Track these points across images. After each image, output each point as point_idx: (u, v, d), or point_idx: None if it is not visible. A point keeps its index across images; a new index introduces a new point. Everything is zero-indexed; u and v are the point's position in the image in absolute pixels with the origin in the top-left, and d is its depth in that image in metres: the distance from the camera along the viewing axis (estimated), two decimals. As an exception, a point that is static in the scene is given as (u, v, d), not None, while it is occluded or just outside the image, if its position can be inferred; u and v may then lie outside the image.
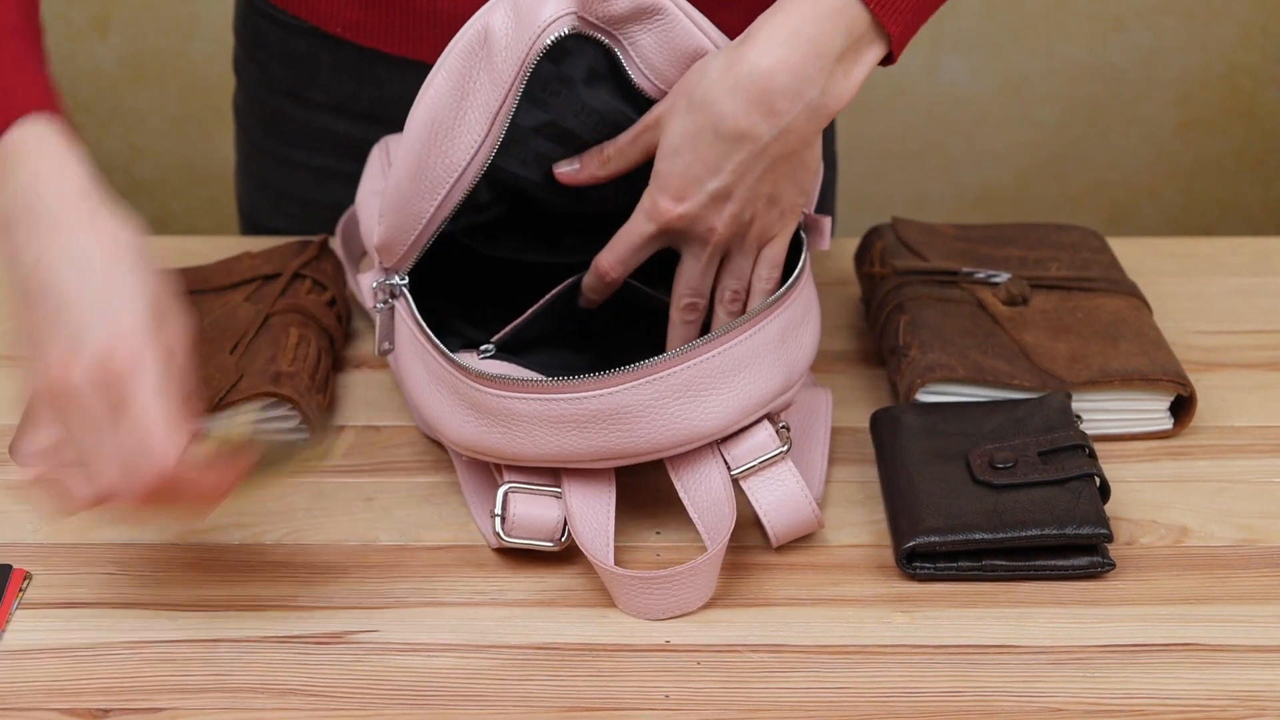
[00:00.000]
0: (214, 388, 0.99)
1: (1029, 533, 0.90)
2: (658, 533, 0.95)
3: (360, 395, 1.09)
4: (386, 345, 1.00)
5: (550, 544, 0.91)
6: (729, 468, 0.92)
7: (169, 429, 0.80)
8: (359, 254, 1.19)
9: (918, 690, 0.84)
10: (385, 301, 0.98)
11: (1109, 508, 0.95)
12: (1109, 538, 0.90)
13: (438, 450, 1.03)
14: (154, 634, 0.87)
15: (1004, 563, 0.91)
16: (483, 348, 0.99)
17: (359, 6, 1.15)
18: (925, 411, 1.00)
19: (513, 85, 0.90)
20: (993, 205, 2.41)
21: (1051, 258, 1.15)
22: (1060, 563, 0.91)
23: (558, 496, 0.91)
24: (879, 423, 1.01)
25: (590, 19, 0.91)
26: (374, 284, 0.98)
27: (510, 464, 0.92)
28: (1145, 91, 2.36)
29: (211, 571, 0.92)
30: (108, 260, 0.84)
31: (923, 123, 2.36)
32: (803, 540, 0.94)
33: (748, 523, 0.95)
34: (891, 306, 1.10)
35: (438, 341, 0.93)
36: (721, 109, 0.90)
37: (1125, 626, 0.88)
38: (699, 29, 0.94)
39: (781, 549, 0.94)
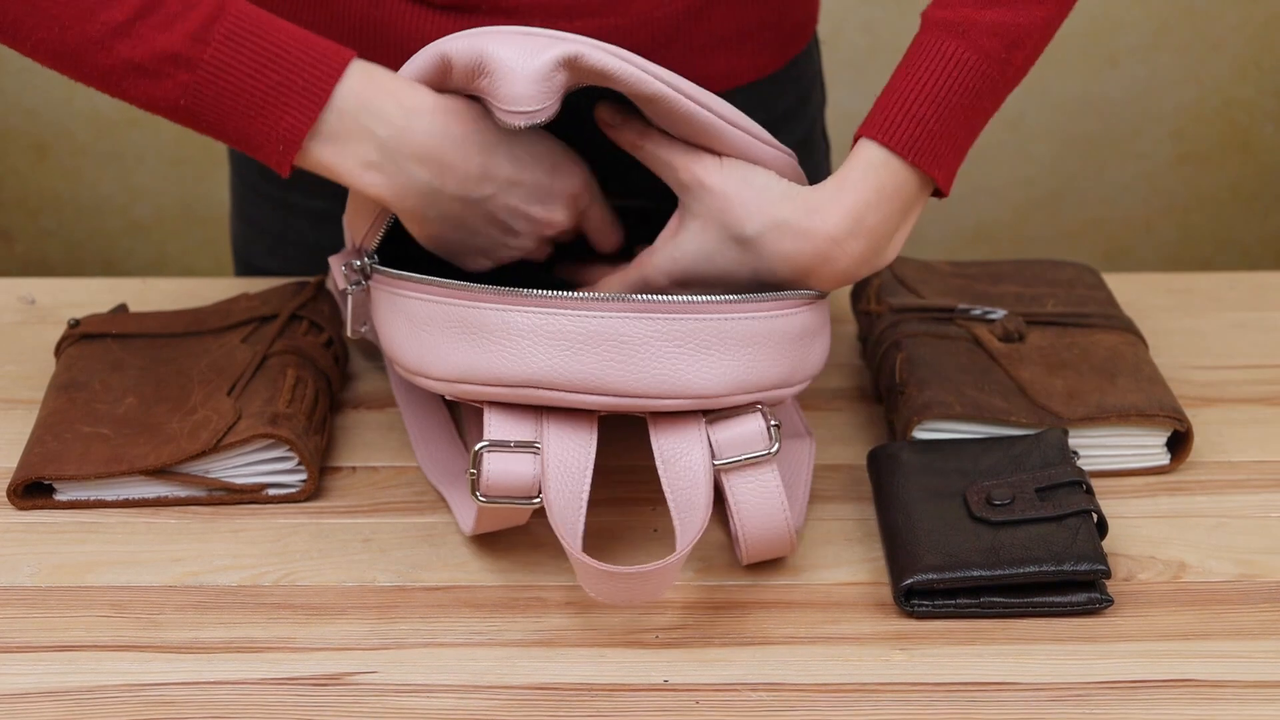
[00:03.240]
0: (212, 429, 1.00)
1: (1027, 569, 0.90)
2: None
3: (358, 436, 1.09)
4: (363, 327, 1.00)
5: (530, 501, 0.90)
6: (714, 456, 0.91)
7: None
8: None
9: (917, 728, 0.84)
10: (357, 282, 0.98)
11: (1107, 544, 0.95)
12: (1107, 574, 0.90)
13: (435, 491, 1.03)
14: (151, 677, 0.87)
15: (1002, 600, 0.91)
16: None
17: (354, 50, 1.15)
18: (922, 449, 1.00)
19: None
20: (989, 241, 2.42)
21: (1048, 294, 1.15)
22: (1058, 599, 0.91)
23: (533, 453, 0.90)
24: (876, 460, 1.01)
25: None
26: (343, 265, 0.98)
27: (496, 397, 0.90)
28: (1141, 127, 2.36)
29: (209, 613, 0.92)
30: (512, 137, 0.94)
31: (919, 159, 2.36)
32: (800, 578, 0.94)
33: (739, 562, 0.95)
34: (888, 344, 1.10)
35: (423, 277, 0.92)
36: (770, 266, 0.94)
37: (1124, 663, 0.88)
38: (699, 104, 0.94)
39: (778, 587, 0.93)
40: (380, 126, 0.92)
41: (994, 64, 0.95)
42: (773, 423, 0.91)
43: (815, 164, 1.29)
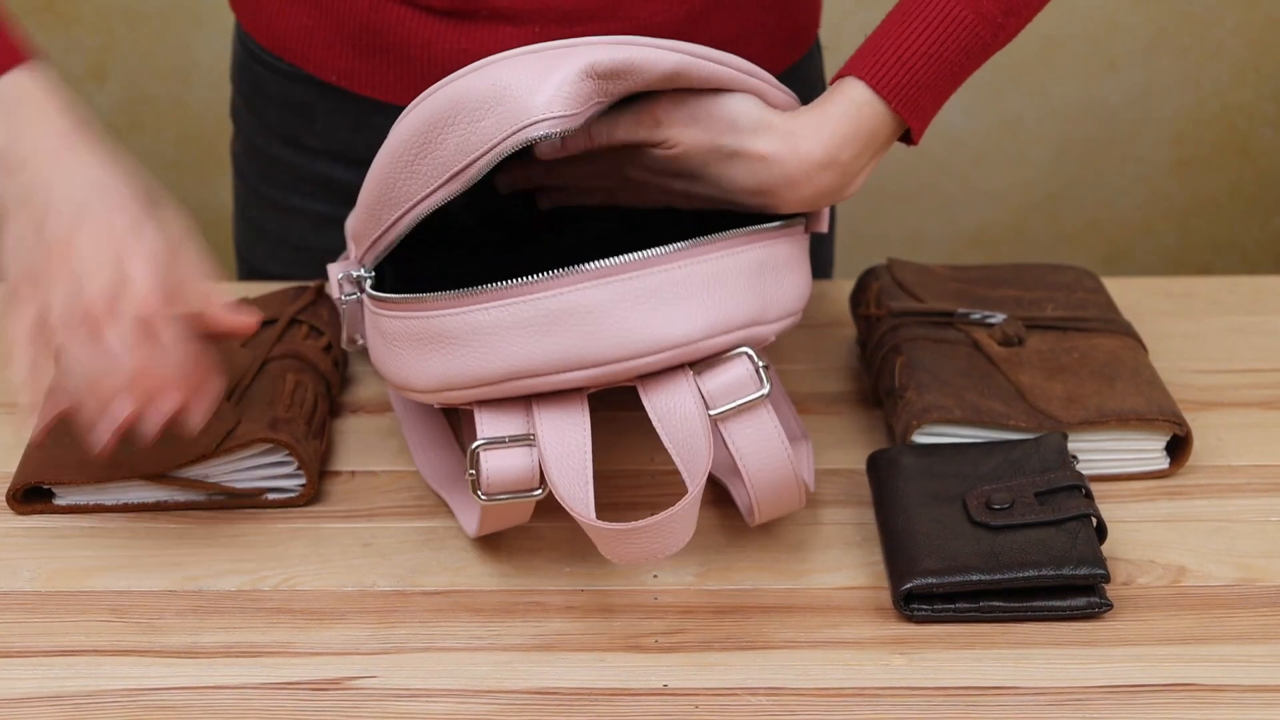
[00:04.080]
0: (211, 434, 1.00)
1: (1026, 574, 0.90)
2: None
3: (357, 440, 1.09)
4: (358, 338, 1.00)
5: (529, 494, 0.90)
6: (708, 408, 0.90)
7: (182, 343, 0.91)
8: None
9: (916, 733, 0.84)
10: (352, 293, 0.98)
11: (1106, 548, 0.95)
12: (1106, 578, 0.90)
13: (435, 495, 1.03)
14: (150, 681, 0.87)
15: (1001, 604, 0.91)
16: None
17: (354, 55, 1.16)
18: (922, 453, 1.00)
19: (478, 160, 0.90)
20: (989, 245, 2.42)
21: (1047, 298, 1.15)
22: (1058, 603, 0.91)
23: (528, 445, 0.90)
24: (876, 465, 1.01)
25: (589, 132, 0.92)
26: (340, 275, 0.98)
27: (481, 396, 0.90)
28: (1140, 131, 2.36)
29: (208, 618, 0.92)
30: (99, 196, 0.91)
31: (918, 163, 2.37)
32: (800, 582, 0.94)
33: (744, 561, 0.95)
34: (887, 348, 1.10)
35: (382, 294, 0.92)
36: (738, 182, 0.96)
37: (1123, 667, 0.88)
38: (718, 62, 0.95)
39: (778, 591, 0.94)
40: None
41: (989, 27, 0.97)
42: (762, 364, 0.91)
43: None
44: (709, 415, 0.90)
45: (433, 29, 1.12)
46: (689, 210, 1.02)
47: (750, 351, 0.91)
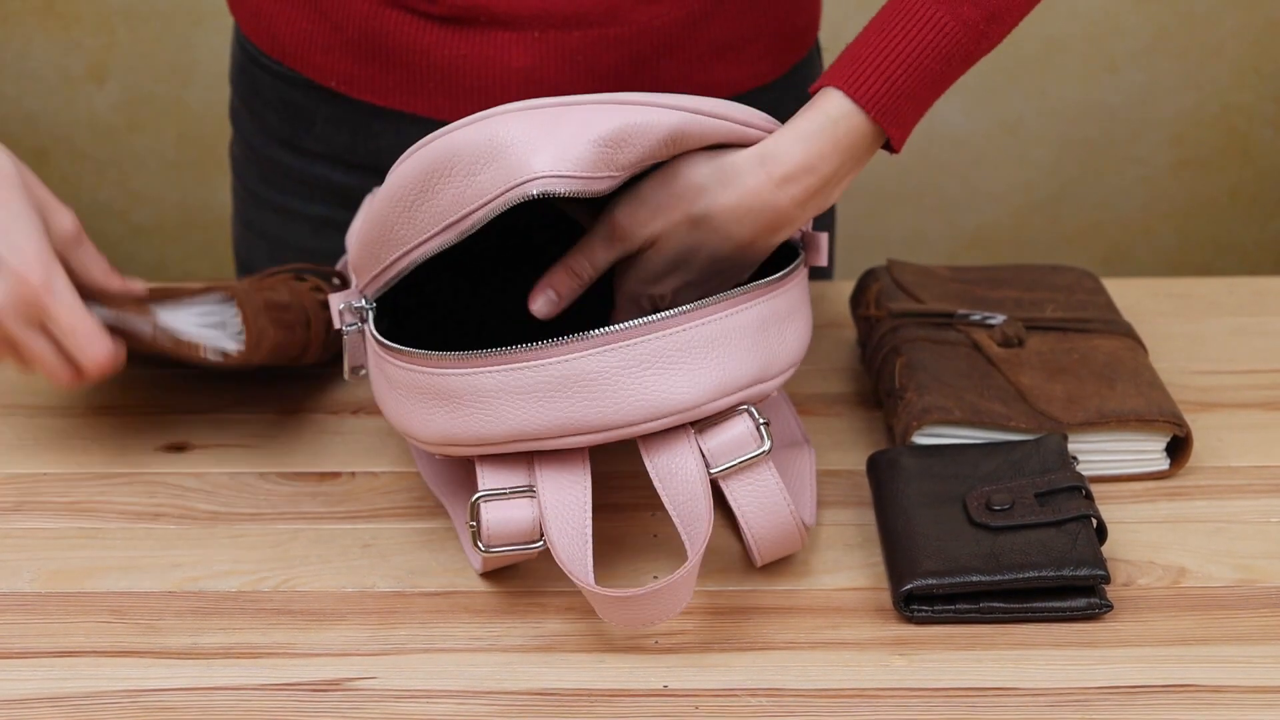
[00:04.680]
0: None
1: (1026, 575, 0.90)
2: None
3: (357, 441, 1.09)
4: (361, 370, 1.00)
5: (530, 546, 0.90)
6: (708, 466, 0.91)
7: (94, 333, 0.96)
8: None
9: (916, 734, 0.84)
10: (354, 324, 0.98)
11: (1106, 549, 0.95)
12: (1106, 579, 0.90)
13: (435, 496, 1.03)
14: (150, 682, 0.87)
15: (1001, 605, 0.91)
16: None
17: (353, 60, 1.16)
18: (922, 454, 1.00)
19: (474, 213, 0.90)
20: (989, 246, 2.42)
21: (1047, 299, 1.15)
22: (1058, 604, 0.91)
23: (529, 497, 0.90)
24: (876, 466, 1.01)
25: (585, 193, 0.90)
26: (341, 305, 0.98)
27: (483, 453, 0.91)
28: (1140, 132, 2.37)
29: (208, 619, 0.92)
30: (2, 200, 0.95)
31: (919, 164, 2.37)
32: (800, 583, 0.94)
33: (744, 562, 0.95)
34: (887, 349, 1.10)
35: (387, 341, 0.92)
36: (730, 233, 0.95)
37: (1123, 668, 0.88)
38: (719, 117, 0.94)
39: (778, 592, 0.94)
40: None
41: (971, 34, 0.96)
42: (762, 421, 0.91)
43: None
44: (710, 473, 0.90)
45: (432, 35, 1.12)
46: None
47: (752, 409, 0.91)
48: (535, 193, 0.88)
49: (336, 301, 0.99)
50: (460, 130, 0.90)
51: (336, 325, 0.99)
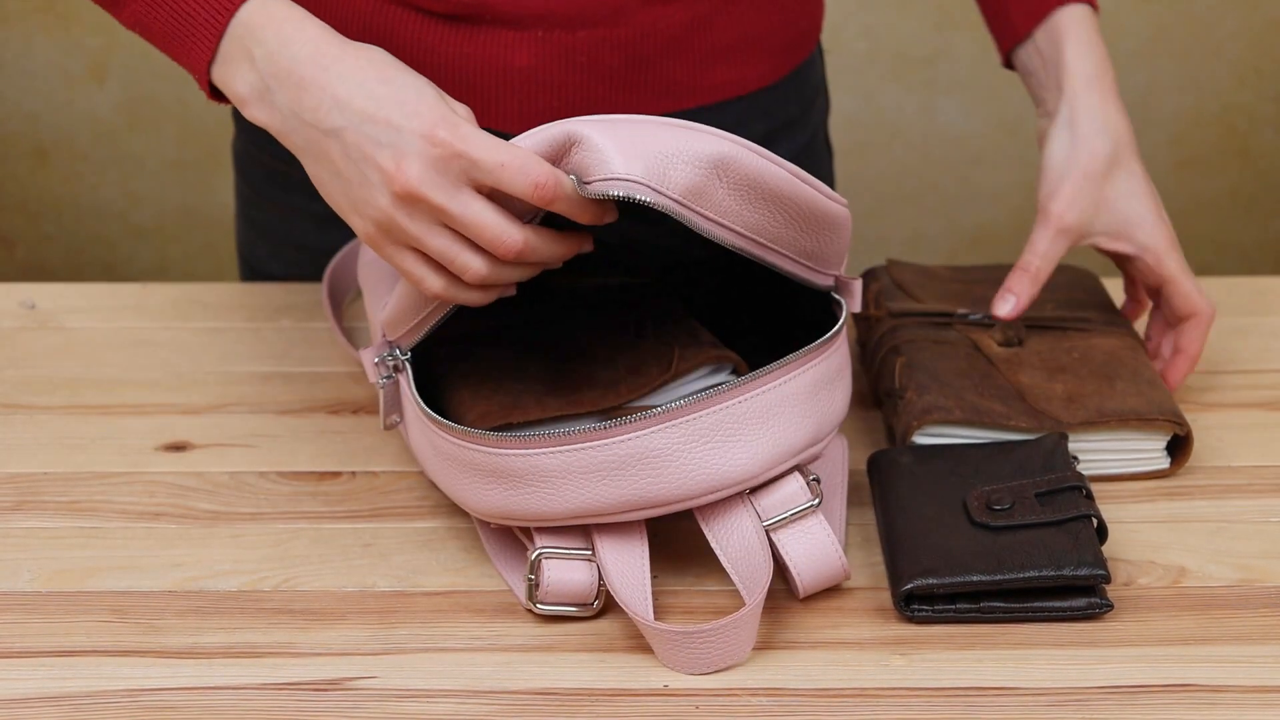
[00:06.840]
0: (660, 363, 1.00)
1: (1027, 574, 0.90)
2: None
3: (357, 440, 1.09)
4: (395, 419, 0.99)
5: (584, 608, 0.91)
6: (760, 519, 0.91)
7: (528, 164, 0.86)
8: (342, 301, 1.20)
9: (917, 733, 0.84)
10: (389, 375, 0.97)
11: (1106, 548, 0.95)
12: (1107, 579, 0.90)
13: (436, 495, 1.03)
14: (151, 682, 0.87)
15: (1002, 604, 0.91)
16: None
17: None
18: (922, 454, 1.00)
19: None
20: (989, 245, 2.42)
21: (1047, 298, 1.15)
22: (1058, 604, 0.91)
23: (589, 560, 0.91)
24: (876, 465, 1.01)
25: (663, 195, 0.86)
26: (375, 359, 0.97)
27: (540, 526, 0.91)
28: (1140, 131, 2.34)
29: (209, 618, 0.92)
30: (380, 75, 0.91)
31: (918, 163, 2.37)
32: (800, 583, 0.95)
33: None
34: (887, 349, 1.10)
35: (442, 419, 0.91)
36: (1134, 153, 1.21)
37: (1124, 668, 0.88)
38: (767, 159, 0.89)
39: (779, 592, 0.93)
40: (257, 48, 0.93)
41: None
42: (811, 477, 0.92)
43: (818, 171, 1.29)
44: (764, 526, 0.91)
45: (435, 33, 1.12)
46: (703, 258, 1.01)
47: (800, 468, 0.92)
48: (637, 198, 0.85)
49: (369, 356, 0.98)
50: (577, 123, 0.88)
51: (371, 379, 0.98)
